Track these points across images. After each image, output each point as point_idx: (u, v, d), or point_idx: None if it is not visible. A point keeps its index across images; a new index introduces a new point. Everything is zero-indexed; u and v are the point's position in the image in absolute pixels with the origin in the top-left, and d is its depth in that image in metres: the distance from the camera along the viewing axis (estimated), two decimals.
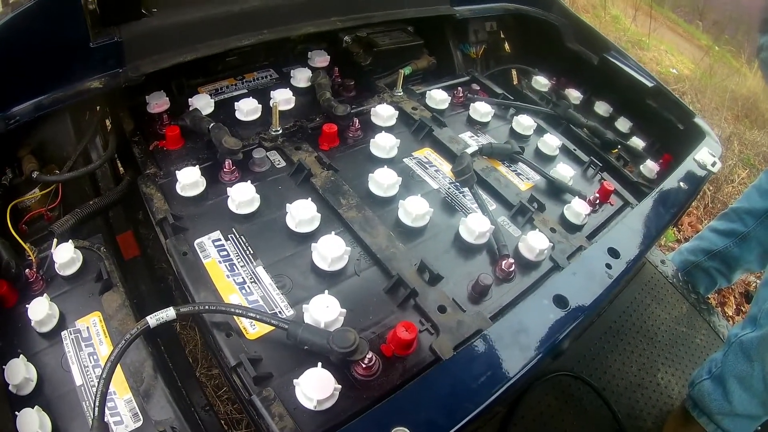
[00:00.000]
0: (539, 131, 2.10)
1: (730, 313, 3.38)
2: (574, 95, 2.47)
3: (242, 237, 1.43)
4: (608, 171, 2.06)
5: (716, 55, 6.88)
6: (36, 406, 1.11)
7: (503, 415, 1.88)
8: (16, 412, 1.10)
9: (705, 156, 1.91)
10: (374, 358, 1.16)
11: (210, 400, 1.76)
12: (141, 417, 1.15)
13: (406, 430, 0.98)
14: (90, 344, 1.27)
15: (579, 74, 2.54)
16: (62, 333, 1.29)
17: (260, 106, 1.83)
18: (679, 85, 5.71)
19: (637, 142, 2.30)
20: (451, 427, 1.03)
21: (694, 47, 7.73)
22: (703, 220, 3.96)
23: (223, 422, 1.88)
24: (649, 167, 2.15)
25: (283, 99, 1.86)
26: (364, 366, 1.15)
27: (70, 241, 1.43)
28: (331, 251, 1.34)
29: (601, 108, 2.46)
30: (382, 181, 1.60)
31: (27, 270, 1.38)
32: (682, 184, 1.78)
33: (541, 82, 2.49)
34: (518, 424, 1.88)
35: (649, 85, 2.27)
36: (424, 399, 1.07)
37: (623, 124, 2.40)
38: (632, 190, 2.02)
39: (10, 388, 1.17)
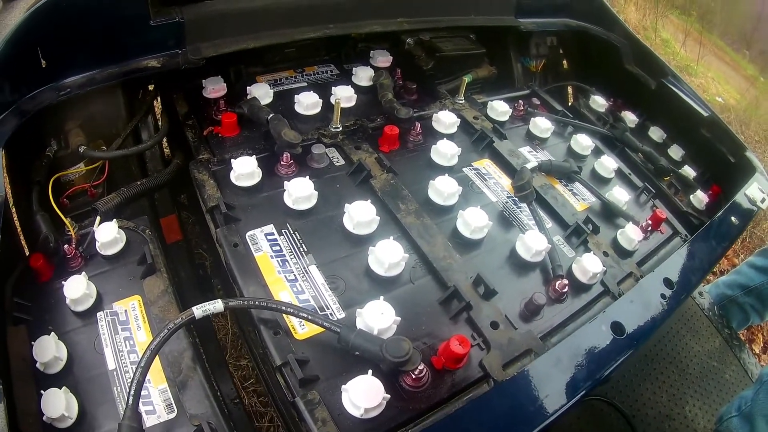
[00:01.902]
0: (596, 152, 2.06)
1: (757, 351, 3.33)
2: (630, 118, 2.42)
3: (296, 233, 1.40)
4: (659, 198, 2.03)
5: (761, 87, 6.78)
6: (64, 387, 1.08)
7: None
8: (42, 391, 1.06)
9: (755, 192, 1.87)
10: (424, 369, 1.14)
11: (237, 391, 1.73)
12: (175, 408, 1.13)
13: None
14: (127, 328, 1.24)
15: (635, 97, 2.49)
16: (98, 314, 1.26)
17: (321, 100, 1.80)
18: (725, 114, 5.61)
19: (689, 171, 2.26)
20: None
21: (740, 76, 7.65)
22: (740, 254, 3.90)
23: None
24: (699, 198, 2.10)
25: (344, 96, 1.82)
26: (414, 377, 1.12)
27: (114, 220, 1.40)
28: (389, 256, 1.30)
29: (656, 133, 2.41)
30: (443, 189, 1.56)
31: (66, 245, 1.34)
32: (733, 218, 1.74)
33: (599, 102, 2.44)
34: None
35: (705, 114, 2.22)
36: (481, 419, 1.05)
37: (676, 152, 2.35)
38: (681, 219, 1.98)
39: (37, 365, 1.14)
